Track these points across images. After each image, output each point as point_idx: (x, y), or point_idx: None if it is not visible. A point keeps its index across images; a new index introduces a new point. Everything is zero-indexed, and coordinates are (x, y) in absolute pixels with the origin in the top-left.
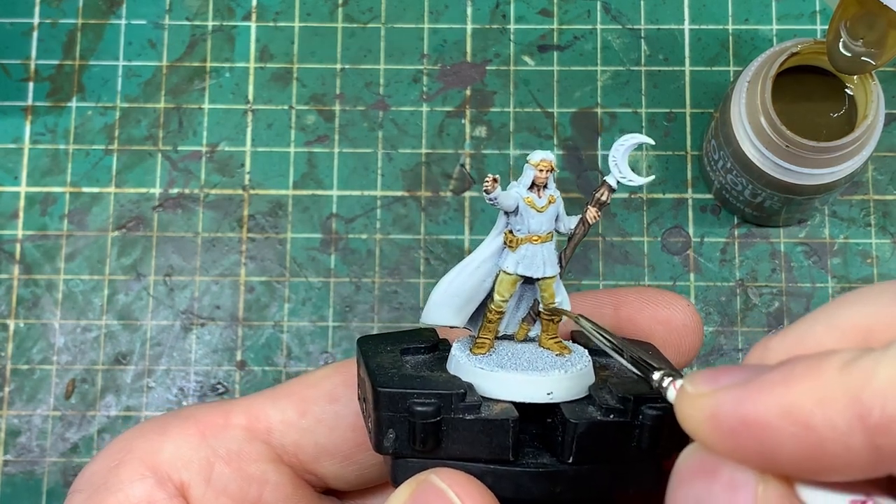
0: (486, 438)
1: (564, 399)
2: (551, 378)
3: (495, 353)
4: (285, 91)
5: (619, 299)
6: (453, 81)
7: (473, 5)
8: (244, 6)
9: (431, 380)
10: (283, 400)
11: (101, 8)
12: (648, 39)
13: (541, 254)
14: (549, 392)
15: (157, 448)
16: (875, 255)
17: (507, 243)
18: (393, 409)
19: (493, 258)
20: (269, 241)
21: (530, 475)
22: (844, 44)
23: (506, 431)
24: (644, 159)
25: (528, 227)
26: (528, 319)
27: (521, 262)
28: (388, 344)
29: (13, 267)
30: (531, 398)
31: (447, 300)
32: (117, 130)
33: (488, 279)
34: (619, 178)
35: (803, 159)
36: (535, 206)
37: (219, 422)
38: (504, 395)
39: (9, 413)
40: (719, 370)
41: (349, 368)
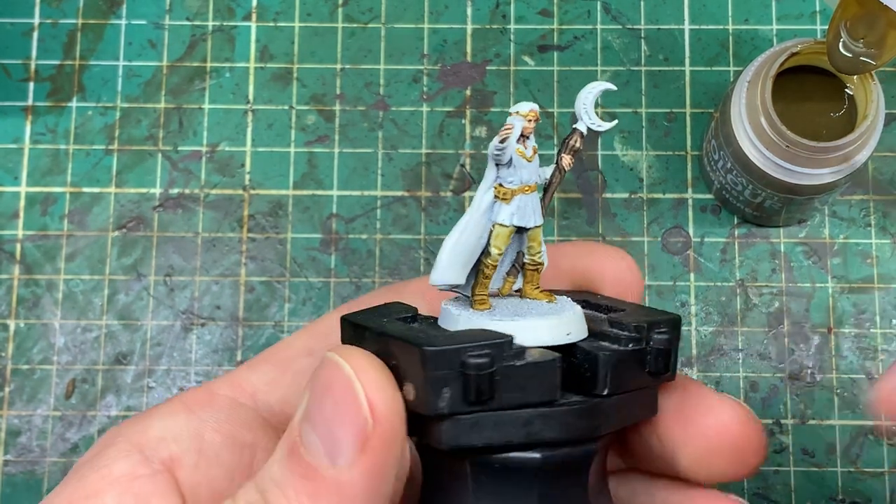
0: (536, 382)
1: (579, 338)
2: (566, 319)
3: (497, 308)
4: (285, 91)
5: (560, 253)
6: (453, 81)
7: (473, 5)
8: (244, 6)
9: (470, 334)
10: (261, 365)
11: (101, 8)
12: (648, 39)
13: (531, 203)
14: (567, 332)
15: (145, 428)
16: (875, 255)
17: (501, 196)
18: (445, 366)
19: (486, 214)
20: (269, 241)
21: (575, 412)
22: (844, 44)
23: (554, 370)
24: (644, 158)
25: (521, 177)
26: (512, 273)
27: (516, 214)
28: (378, 317)
29: (13, 267)
30: (554, 340)
31: (455, 259)
32: (117, 130)
33: (484, 235)
34: (588, 125)
35: (803, 159)
36: (525, 157)
37: (203, 396)
38: (529, 342)
39: (9, 413)
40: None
41: (317, 328)
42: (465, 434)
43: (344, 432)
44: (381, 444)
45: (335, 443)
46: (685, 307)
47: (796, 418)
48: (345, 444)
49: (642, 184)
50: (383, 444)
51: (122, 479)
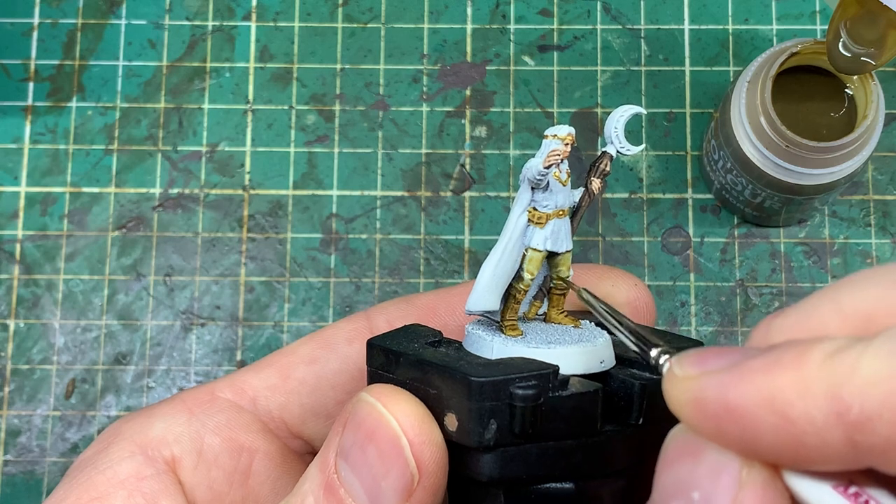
0: (579, 413)
1: (610, 366)
2: (600, 347)
3: (528, 334)
4: (285, 91)
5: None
6: (453, 81)
7: (473, 5)
8: (244, 6)
9: (511, 363)
10: (264, 370)
11: (101, 8)
12: (648, 39)
13: (564, 228)
14: (601, 361)
15: (146, 428)
16: (875, 255)
17: (535, 220)
18: (491, 398)
19: (520, 238)
20: (269, 241)
21: (616, 440)
22: (844, 44)
23: (596, 401)
24: (644, 159)
25: (556, 201)
26: (538, 296)
27: (550, 239)
28: (407, 341)
29: (13, 267)
30: (588, 369)
31: (494, 284)
32: (117, 130)
33: (517, 260)
34: (618, 149)
35: (803, 159)
36: (561, 181)
37: (205, 398)
38: (565, 370)
39: (9, 413)
40: (707, 352)
41: (323, 336)
42: (509, 466)
43: (388, 484)
44: (426, 495)
45: (378, 492)
46: (685, 307)
47: None
48: (389, 494)
49: (642, 184)
50: (428, 496)
51: (128, 480)
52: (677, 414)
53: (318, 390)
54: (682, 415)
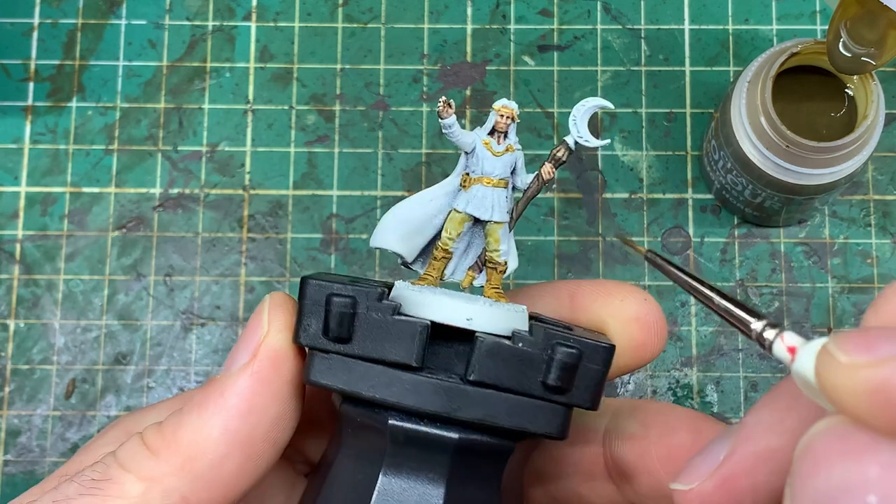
0: (396, 341)
1: (484, 329)
2: (474, 306)
3: (432, 288)
4: (285, 91)
5: (575, 290)
6: (453, 81)
7: (473, 5)
8: (244, 6)
9: (358, 283)
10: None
11: (101, 8)
12: (648, 39)
13: (491, 197)
14: (468, 318)
15: (140, 418)
16: (875, 255)
17: (462, 183)
18: (314, 299)
19: (449, 197)
20: (269, 241)
21: (431, 386)
22: (844, 44)
23: (413, 335)
24: (644, 158)
25: (482, 168)
26: (474, 267)
27: (471, 202)
28: (339, 282)
29: (13, 267)
30: (449, 320)
31: (396, 225)
32: (117, 130)
33: (440, 215)
34: (576, 139)
35: (803, 159)
36: (492, 150)
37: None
38: (425, 314)
39: (9, 413)
40: (870, 335)
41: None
42: (322, 373)
43: (243, 345)
44: (269, 353)
45: (234, 355)
46: (685, 307)
47: None
48: (240, 353)
49: (642, 184)
50: (271, 355)
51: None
52: (845, 406)
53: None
54: (856, 406)
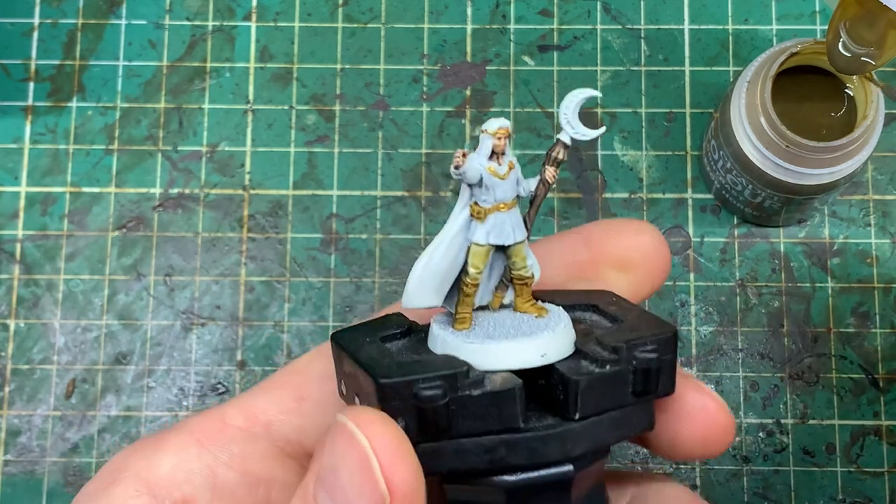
0: (496, 410)
1: (557, 358)
2: (542, 340)
3: (478, 326)
4: (285, 91)
5: (588, 235)
6: (453, 81)
7: (473, 5)
8: (244, 6)
9: (428, 363)
10: (276, 391)
11: (101, 8)
12: (648, 39)
13: (509, 220)
14: (542, 354)
15: (154, 464)
16: (875, 255)
17: (475, 215)
18: (399, 398)
19: (462, 232)
20: (269, 241)
21: (542, 438)
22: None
23: (513, 399)
24: (644, 158)
25: (495, 196)
26: (500, 287)
27: (492, 232)
28: (364, 335)
29: (13, 267)
30: (526, 363)
31: (426, 282)
32: (117, 130)
33: (461, 254)
34: (572, 135)
35: (803, 159)
36: (498, 175)
37: (215, 427)
38: (500, 365)
39: (9, 413)
40: None
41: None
42: (428, 462)
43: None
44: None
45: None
46: (685, 307)
47: (796, 418)
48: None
49: (642, 184)
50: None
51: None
52: None
53: (335, 408)
54: None
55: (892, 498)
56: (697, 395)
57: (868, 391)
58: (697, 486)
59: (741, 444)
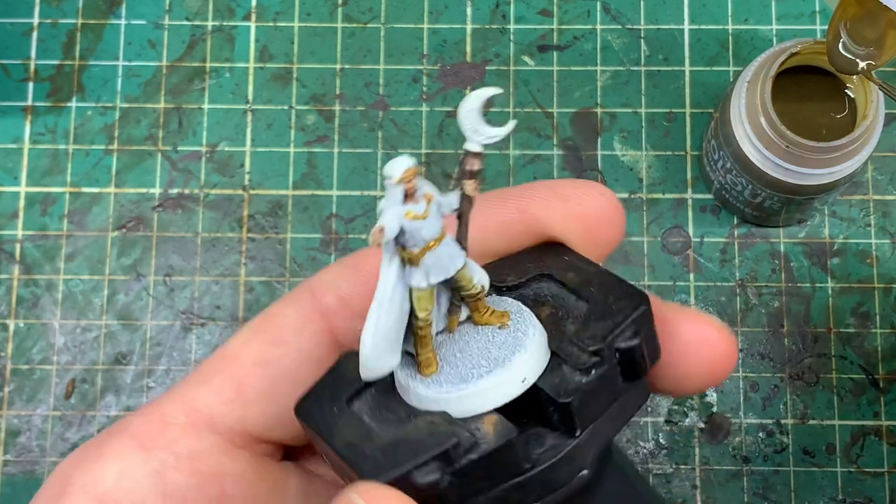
0: (499, 465)
1: (537, 376)
2: (516, 364)
3: (445, 363)
4: (285, 91)
5: (526, 199)
6: (453, 81)
7: (473, 5)
8: (244, 6)
9: (414, 441)
10: (214, 381)
11: (100, 8)
12: (648, 39)
13: (445, 253)
14: (522, 379)
15: (99, 476)
16: (875, 255)
17: (408, 262)
18: (397, 485)
19: (400, 282)
20: (269, 241)
21: (551, 468)
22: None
23: (513, 450)
24: (644, 158)
25: (422, 237)
26: (453, 310)
27: (431, 272)
28: (328, 402)
29: (13, 267)
30: (508, 396)
31: (380, 348)
32: (117, 130)
33: (405, 303)
34: (481, 141)
35: (803, 159)
36: (419, 216)
37: (156, 428)
38: (482, 408)
39: (9, 413)
40: None
41: (268, 329)
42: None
43: None
44: None
45: None
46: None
47: (796, 418)
48: None
49: (642, 184)
50: None
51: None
52: None
53: (278, 394)
54: None
55: (893, 498)
56: (694, 327)
57: (868, 391)
58: (697, 487)
59: (741, 445)
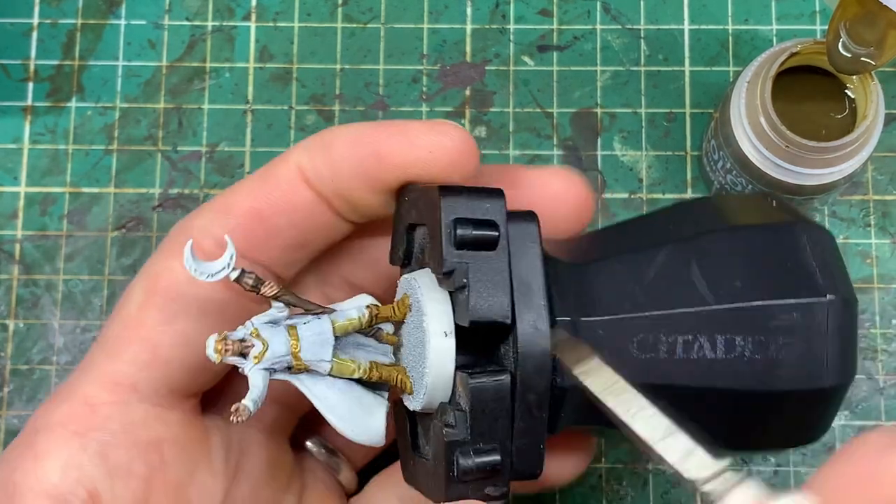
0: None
1: (451, 321)
2: (434, 328)
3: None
4: (285, 91)
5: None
6: (453, 81)
7: (473, 5)
8: (244, 6)
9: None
10: (124, 350)
11: (100, 8)
12: (648, 39)
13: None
14: (445, 334)
15: (43, 475)
16: (875, 255)
17: (302, 371)
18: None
19: (323, 382)
20: None
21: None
22: (844, 44)
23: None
24: (644, 159)
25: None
26: (380, 337)
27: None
28: None
29: (13, 267)
30: (451, 352)
31: (358, 426)
32: (117, 130)
33: (340, 383)
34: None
35: (803, 159)
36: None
37: (84, 412)
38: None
39: (8, 413)
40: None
41: (157, 285)
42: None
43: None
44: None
45: None
46: None
47: None
48: None
49: (642, 184)
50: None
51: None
52: None
53: (190, 345)
54: None
55: None
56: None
57: (868, 391)
58: None
59: None
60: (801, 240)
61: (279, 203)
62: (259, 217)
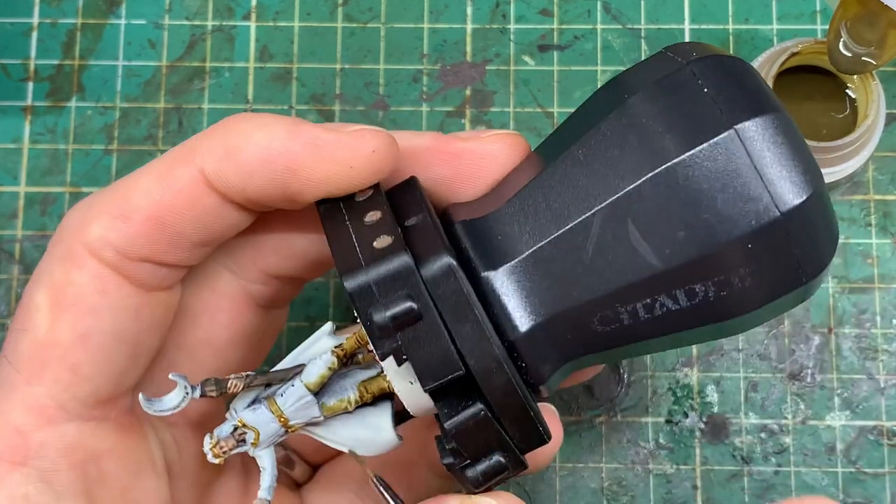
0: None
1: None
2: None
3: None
4: (285, 91)
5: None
6: (453, 81)
7: (473, 5)
8: (244, 6)
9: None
10: (46, 373)
11: (100, 8)
12: (648, 39)
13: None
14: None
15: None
16: (875, 255)
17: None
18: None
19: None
20: None
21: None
22: (845, 44)
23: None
24: None
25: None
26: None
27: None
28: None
29: (13, 267)
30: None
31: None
32: (117, 130)
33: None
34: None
35: None
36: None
37: (15, 441)
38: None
39: None
40: None
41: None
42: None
43: None
44: None
45: None
46: None
47: (796, 418)
48: None
49: None
50: None
51: None
52: None
53: (111, 359)
54: None
55: (893, 499)
56: (498, 142)
57: (868, 391)
58: (698, 487)
59: (741, 445)
60: (692, 84)
61: (182, 210)
62: (161, 224)
